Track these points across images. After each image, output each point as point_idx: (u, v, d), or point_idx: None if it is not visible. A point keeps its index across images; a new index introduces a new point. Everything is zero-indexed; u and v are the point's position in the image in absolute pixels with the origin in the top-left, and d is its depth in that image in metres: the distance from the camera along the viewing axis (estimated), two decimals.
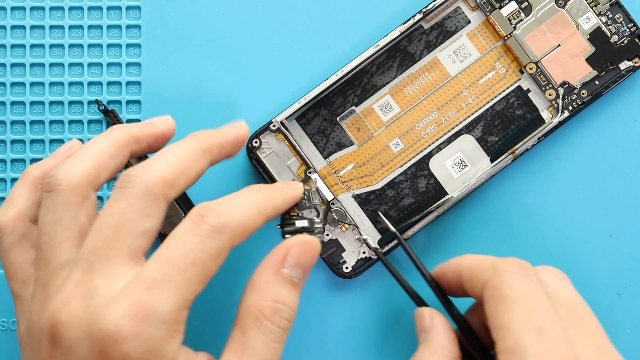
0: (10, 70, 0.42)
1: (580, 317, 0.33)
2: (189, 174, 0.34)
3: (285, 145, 0.41)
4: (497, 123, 0.42)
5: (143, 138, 0.36)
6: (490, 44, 0.42)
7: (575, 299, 0.34)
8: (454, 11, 0.42)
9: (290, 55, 0.43)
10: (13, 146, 0.42)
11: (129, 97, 0.43)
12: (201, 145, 0.34)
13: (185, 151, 0.34)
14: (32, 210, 0.36)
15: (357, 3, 0.43)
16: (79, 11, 0.43)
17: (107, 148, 0.34)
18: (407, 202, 0.42)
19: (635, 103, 0.42)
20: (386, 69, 0.42)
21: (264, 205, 0.34)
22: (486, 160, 0.41)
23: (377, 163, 0.42)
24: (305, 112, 0.42)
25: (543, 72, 0.41)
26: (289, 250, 0.34)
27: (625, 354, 0.41)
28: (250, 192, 0.34)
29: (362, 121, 0.42)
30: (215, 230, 0.32)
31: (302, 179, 0.41)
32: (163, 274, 0.30)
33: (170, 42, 0.43)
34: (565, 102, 0.41)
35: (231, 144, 0.36)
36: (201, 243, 0.31)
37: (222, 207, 0.33)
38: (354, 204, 0.42)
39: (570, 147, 0.42)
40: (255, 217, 0.33)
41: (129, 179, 0.32)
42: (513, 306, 0.32)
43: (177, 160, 0.33)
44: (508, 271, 0.33)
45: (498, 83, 0.42)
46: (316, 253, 0.34)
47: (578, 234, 0.42)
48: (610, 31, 0.41)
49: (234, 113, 0.43)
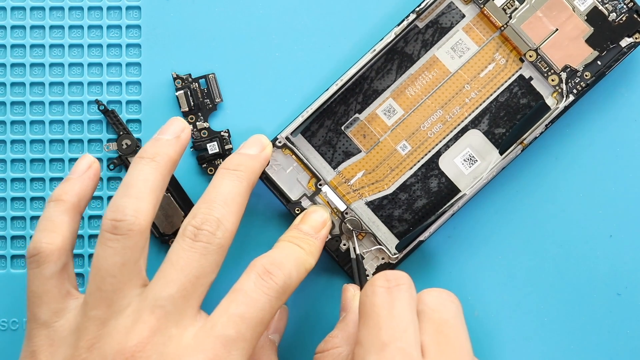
0: (10, 70, 0.43)
1: (446, 336, 0.33)
2: (242, 213, 0.36)
3: (293, 160, 0.41)
4: (502, 114, 0.41)
5: (178, 159, 0.37)
6: (487, 36, 0.41)
7: (447, 319, 0.33)
8: (448, 7, 0.41)
9: (290, 55, 0.43)
10: (13, 146, 0.43)
11: (129, 97, 0.43)
12: (249, 183, 0.37)
13: (241, 196, 0.36)
14: (73, 240, 0.36)
15: (349, 5, 0.43)
16: (79, 11, 0.43)
17: (159, 183, 0.36)
18: (421, 203, 0.41)
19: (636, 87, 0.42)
20: (385, 73, 0.42)
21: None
22: (495, 153, 0.41)
23: (387, 168, 0.42)
24: (310, 124, 0.42)
25: (543, 58, 0.41)
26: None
27: (626, 353, 0.41)
28: (295, 248, 0.37)
29: (367, 127, 0.42)
30: (282, 291, 0.34)
31: (314, 192, 0.41)
32: (237, 332, 0.32)
33: (170, 42, 0.43)
34: (569, 86, 0.40)
35: (263, 167, 0.39)
36: (269, 303, 0.33)
37: (286, 267, 0.35)
38: (368, 211, 0.42)
39: (570, 147, 0.42)
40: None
41: (202, 233, 0.34)
42: (367, 321, 0.33)
43: (237, 208, 0.35)
44: (373, 285, 0.33)
45: (499, 74, 0.41)
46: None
47: (578, 234, 0.42)
48: (607, 9, 0.40)
49: (234, 113, 0.43)
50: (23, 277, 0.42)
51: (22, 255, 0.42)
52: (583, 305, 0.41)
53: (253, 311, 0.33)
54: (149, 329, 0.32)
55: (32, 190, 0.42)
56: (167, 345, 0.32)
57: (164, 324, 0.32)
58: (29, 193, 0.42)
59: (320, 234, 0.39)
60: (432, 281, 0.42)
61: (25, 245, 0.42)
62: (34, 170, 0.43)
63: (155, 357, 0.32)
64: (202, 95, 0.42)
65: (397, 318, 0.32)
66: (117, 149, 0.42)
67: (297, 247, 0.37)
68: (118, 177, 0.43)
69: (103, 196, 0.43)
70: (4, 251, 0.42)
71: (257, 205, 0.42)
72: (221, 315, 0.33)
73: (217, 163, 0.42)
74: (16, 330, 0.42)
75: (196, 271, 0.33)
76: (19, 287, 0.42)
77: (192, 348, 0.32)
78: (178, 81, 0.42)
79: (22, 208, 0.42)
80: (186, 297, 0.33)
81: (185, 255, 0.33)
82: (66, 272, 0.36)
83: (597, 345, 0.41)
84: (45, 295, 0.35)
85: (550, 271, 0.41)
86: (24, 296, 0.41)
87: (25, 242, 0.42)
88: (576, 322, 0.41)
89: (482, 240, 0.42)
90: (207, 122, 0.42)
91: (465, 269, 0.42)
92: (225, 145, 0.42)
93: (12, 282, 0.42)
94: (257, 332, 0.33)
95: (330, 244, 0.41)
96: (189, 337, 0.32)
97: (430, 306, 0.34)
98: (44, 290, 0.35)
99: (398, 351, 0.31)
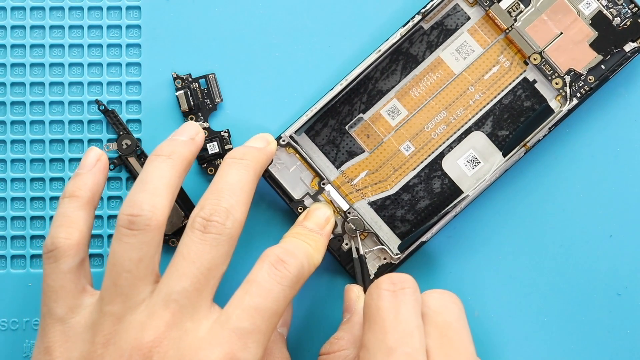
0: (10, 70, 0.42)
1: (450, 340, 0.33)
2: (250, 202, 0.36)
3: (297, 159, 0.41)
4: (506, 117, 0.41)
5: (192, 160, 0.37)
6: (492, 38, 0.41)
7: (451, 322, 0.34)
8: (453, 9, 0.41)
9: (290, 55, 0.42)
10: (13, 146, 0.42)
11: (129, 97, 0.42)
12: (255, 172, 0.36)
13: (249, 185, 0.36)
14: (89, 235, 0.36)
15: (356, 5, 0.42)
16: (79, 11, 0.42)
17: (175, 180, 0.35)
18: (424, 204, 0.42)
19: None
20: (390, 73, 0.42)
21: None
22: (499, 156, 0.41)
23: (390, 168, 0.42)
24: (314, 123, 0.42)
25: (548, 61, 0.41)
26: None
27: (625, 353, 0.42)
28: (302, 243, 0.37)
29: (371, 127, 0.42)
30: (296, 280, 0.34)
31: (317, 191, 0.41)
32: (252, 324, 0.32)
33: (170, 42, 0.42)
34: (572, 90, 0.41)
35: (268, 161, 0.39)
36: (283, 293, 0.33)
37: (298, 255, 0.35)
38: (370, 211, 0.42)
39: (570, 147, 0.42)
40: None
41: (212, 225, 0.34)
42: (373, 325, 0.33)
43: (245, 198, 0.35)
44: (378, 288, 0.34)
45: (503, 77, 0.41)
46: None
47: (578, 234, 0.42)
48: (611, 14, 0.41)
49: (234, 113, 0.42)
50: (23, 277, 0.42)
51: (22, 255, 0.42)
52: (583, 305, 0.42)
53: (267, 302, 0.33)
54: (165, 324, 0.32)
55: (32, 190, 0.42)
56: (183, 340, 0.32)
57: (179, 318, 0.32)
58: (29, 193, 0.42)
59: (325, 231, 0.39)
60: (432, 281, 0.42)
61: (25, 245, 0.42)
62: (34, 170, 0.42)
63: (172, 352, 0.32)
64: (202, 95, 0.42)
65: (404, 323, 0.32)
66: (117, 149, 0.42)
67: (304, 243, 0.37)
68: (118, 177, 0.42)
69: (103, 196, 0.42)
70: (4, 251, 0.42)
71: (260, 204, 0.42)
72: (236, 307, 0.33)
73: (217, 163, 0.42)
74: (16, 330, 0.42)
75: (208, 263, 0.33)
76: (19, 287, 0.42)
77: (208, 342, 0.32)
78: (178, 81, 0.42)
79: (22, 208, 0.42)
80: (199, 290, 0.33)
81: (196, 248, 0.33)
82: (83, 268, 0.35)
83: (597, 345, 0.42)
84: (62, 290, 0.34)
85: (550, 271, 0.42)
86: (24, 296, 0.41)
87: (25, 242, 0.42)
88: (576, 322, 0.42)
89: (482, 240, 0.42)
90: (207, 122, 0.42)
91: (465, 269, 0.42)
92: (225, 145, 0.42)
93: (12, 282, 0.42)
94: (272, 324, 0.33)
95: (332, 243, 0.41)
96: (204, 331, 0.32)
97: (433, 309, 0.34)
98: (61, 286, 0.35)
99: (405, 356, 0.31)
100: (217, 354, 0.31)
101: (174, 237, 0.42)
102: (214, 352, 0.31)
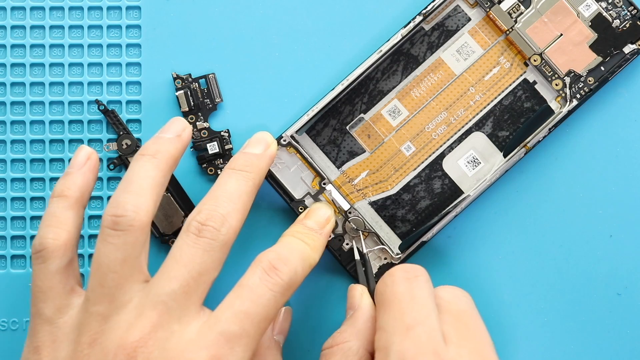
0: (10, 70, 0.42)
1: (466, 325, 0.34)
2: (247, 213, 0.36)
3: (298, 159, 0.41)
4: (506, 118, 0.42)
5: (179, 158, 0.37)
6: (492, 39, 0.42)
7: (465, 310, 0.34)
8: (454, 10, 0.42)
9: (291, 55, 0.42)
10: (13, 146, 0.42)
11: (129, 97, 0.42)
12: (255, 183, 0.36)
13: (247, 195, 0.36)
14: (78, 235, 0.36)
15: (357, 5, 0.42)
16: (79, 11, 0.42)
17: (159, 180, 0.35)
18: (424, 204, 0.42)
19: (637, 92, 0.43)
20: (391, 74, 0.42)
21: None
22: (499, 156, 0.42)
23: (391, 168, 0.42)
24: (315, 123, 0.42)
25: (548, 63, 0.41)
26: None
27: (626, 353, 0.42)
28: (299, 243, 0.37)
29: (372, 128, 0.42)
30: (287, 287, 0.34)
31: (317, 190, 0.41)
32: (241, 328, 0.32)
33: (170, 42, 0.42)
34: (572, 91, 0.41)
35: (269, 166, 0.39)
36: (274, 299, 0.33)
37: (291, 262, 0.34)
38: (371, 211, 0.42)
39: (570, 147, 0.42)
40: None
41: (207, 229, 0.34)
42: (389, 307, 0.33)
43: (242, 207, 0.35)
44: (392, 275, 0.34)
45: (504, 78, 0.42)
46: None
47: (578, 234, 0.42)
48: (611, 16, 0.41)
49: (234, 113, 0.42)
50: (23, 277, 0.42)
51: (22, 255, 0.42)
52: (583, 305, 0.42)
53: (257, 307, 0.33)
54: (151, 325, 0.32)
55: (32, 190, 0.42)
56: (169, 341, 0.32)
57: (166, 319, 0.32)
58: (29, 193, 0.42)
59: (325, 230, 0.39)
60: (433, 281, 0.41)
61: (25, 245, 0.42)
62: (34, 170, 0.42)
63: (157, 352, 0.32)
64: (202, 95, 0.42)
65: (420, 304, 0.33)
66: (117, 149, 0.42)
67: (301, 243, 0.37)
68: (118, 177, 0.42)
69: (103, 196, 0.42)
70: (4, 251, 0.42)
71: (260, 203, 0.42)
72: (225, 310, 0.33)
73: (217, 163, 0.42)
74: (16, 330, 0.42)
75: (199, 267, 0.33)
76: (19, 287, 0.42)
77: (195, 343, 0.32)
78: (178, 81, 0.42)
79: (22, 208, 0.42)
80: (188, 294, 0.33)
81: (188, 251, 0.33)
82: (71, 268, 0.35)
83: (597, 345, 0.42)
84: (50, 291, 0.35)
85: (550, 271, 0.42)
86: (24, 296, 0.41)
87: (25, 242, 0.42)
88: (576, 322, 0.42)
89: (482, 240, 0.42)
90: (207, 122, 0.42)
91: (465, 269, 0.42)
92: (225, 145, 0.42)
93: (12, 282, 0.42)
94: (261, 328, 0.33)
95: (333, 243, 0.41)
96: (191, 333, 0.32)
97: (446, 299, 0.34)
98: (49, 286, 0.35)
99: (424, 333, 0.32)
100: (202, 356, 0.31)
101: (174, 237, 0.41)
102: (200, 354, 0.31)
